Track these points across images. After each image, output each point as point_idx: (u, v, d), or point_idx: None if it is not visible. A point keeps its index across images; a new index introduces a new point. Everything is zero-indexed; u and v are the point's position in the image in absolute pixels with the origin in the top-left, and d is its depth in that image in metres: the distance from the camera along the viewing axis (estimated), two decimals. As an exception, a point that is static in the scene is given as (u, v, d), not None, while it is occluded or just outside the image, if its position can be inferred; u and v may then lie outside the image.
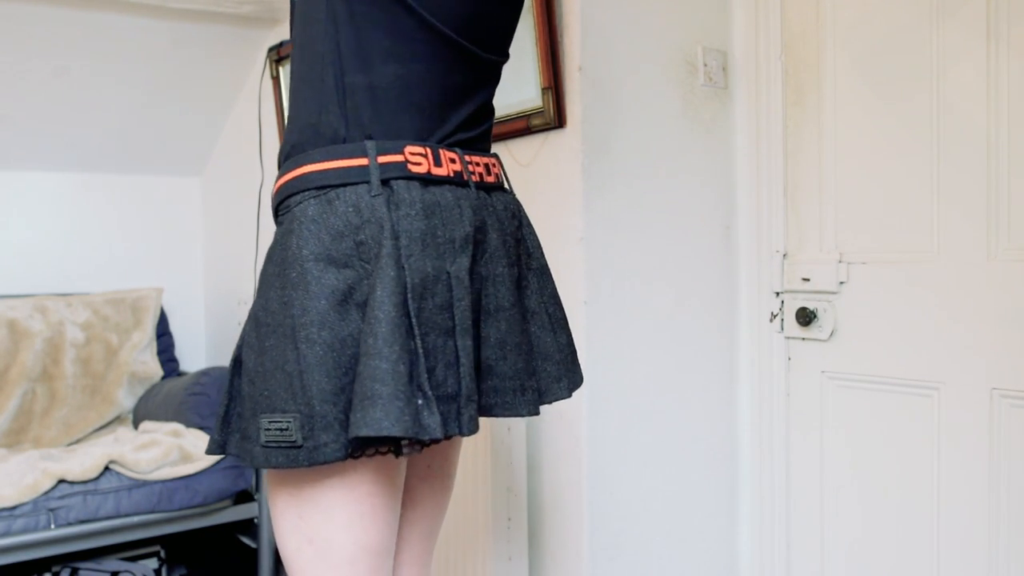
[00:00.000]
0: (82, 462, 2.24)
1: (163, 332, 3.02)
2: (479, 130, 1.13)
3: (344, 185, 0.99)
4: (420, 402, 0.94)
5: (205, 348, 3.39)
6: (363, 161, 1.00)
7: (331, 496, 1.02)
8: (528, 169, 1.90)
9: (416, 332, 0.96)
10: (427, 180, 1.03)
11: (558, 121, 1.80)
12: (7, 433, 2.63)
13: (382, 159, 1.00)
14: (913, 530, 1.78)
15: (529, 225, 1.20)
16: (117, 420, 2.81)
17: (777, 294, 1.99)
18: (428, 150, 1.04)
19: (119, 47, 2.70)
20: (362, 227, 0.97)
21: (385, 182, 1.00)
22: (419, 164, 1.02)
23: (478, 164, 1.10)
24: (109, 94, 2.84)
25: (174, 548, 2.81)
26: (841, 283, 1.87)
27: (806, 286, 1.93)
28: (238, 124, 3.10)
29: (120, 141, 3.04)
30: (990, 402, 1.65)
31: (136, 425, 2.74)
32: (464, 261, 1.02)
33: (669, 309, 1.94)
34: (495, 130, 1.93)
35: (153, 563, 2.57)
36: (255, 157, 2.94)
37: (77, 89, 2.78)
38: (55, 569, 2.37)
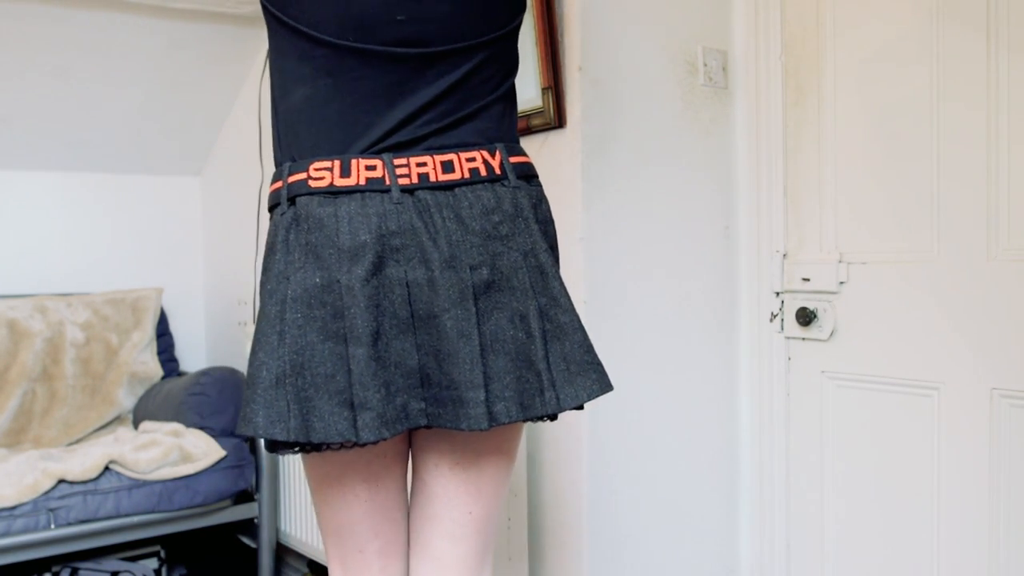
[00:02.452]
0: (82, 462, 2.24)
1: (163, 332, 3.02)
2: (435, 126, 1.10)
3: (275, 207, 1.11)
4: (283, 405, 1.02)
5: (205, 348, 3.39)
6: (280, 184, 1.10)
7: (310, 479, 1.19)
8: (528, 169, 1.90)
9: (286, 340, 1.03)
10: (334, 192, 1.06)
11: (558, 121, 1.80)
12: (7, 433, 2.63)
13: (292, 179, 1.08)
14: (913, 530, 1.78)
15: (527, 220, 1.12)
16: (117, 420, 2.81)
17: (777, 294, 1.99)
18: (336, 163, 1.07)
19: (119, 47, 2.70)
20: (276, 245, 1.09)
21: (294, 200, 1.07)
22: (321, 179, 1.06)
23: (423, 164, 1.08)
24: (109, 94, 2.84)
25: (174, 548, 2.81)
26: (841, 283, 1.87)
27: (806, 286, 1.93)
28: (238, 124, 3.10)
29: (120, 141, 3.04)
30: (990, 402, 1.65)
31: (136, 425, 2.74)
32: (358, 270, 1.03)
33: (669, 309, 1.94)
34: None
35: (153, 563, 2.57)
36: (255, 157, 2.94)
37: (77, 89, 2.78)
38: (55, 569, 2.37)
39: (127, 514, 2.28)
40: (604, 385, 1.09)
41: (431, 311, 1.05)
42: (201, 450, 2.39)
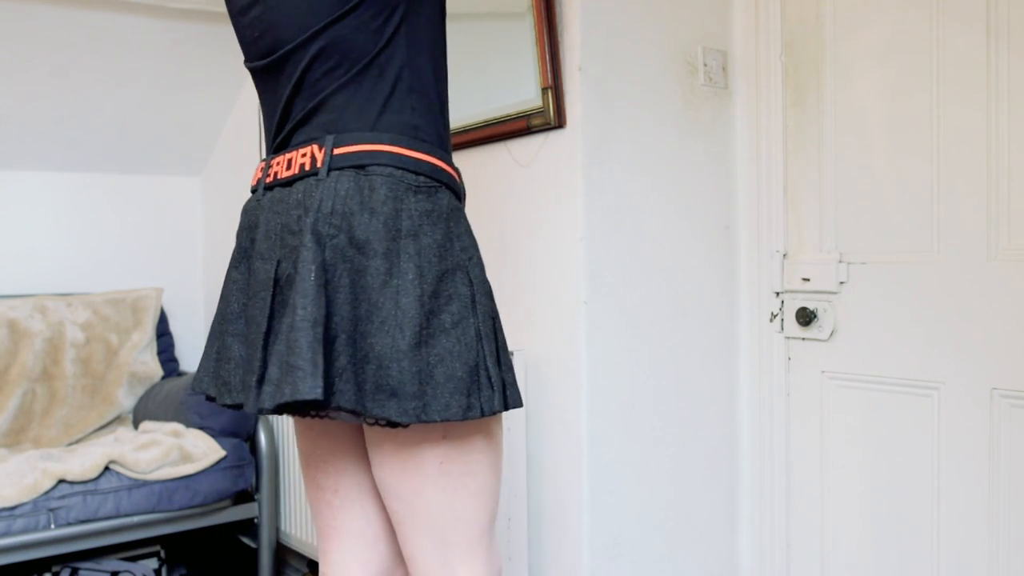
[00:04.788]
0: (82, 462, 2.24)
1: (163, 332, 3.02)
2: (294, 122, 1.16)
3: None
4: (206, 366, 1.24)
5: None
6: None
7: None
8: (528, 169, 1.90)
9: (218, 313, 1.23)
10: (252, 192, 1.25)
11: (558, 121, 1.80)
12: (7, 433, 2.63)
13: None
14: (913, 530, 1.78)
15: (308, 212, 1.08)
16: (117, 420, 2.81)
17: (777, 294, 1.99)
18: (260, 166, 1.24)
19: (119, 47, 2.70)
20: None
21: None
22: (253, 181, 1.25)
23: (281, 162, 1.17)
24: (109, 94, 2.84)
25: (174, 548, 2.81)
26: (841, 283, 1.87)
27: (806, 286, 1.93)
28: (238, 124, 3.10)
29: (120, 141, 3.04)
30: (990, 402, 1.65)
31: (136, 425, 2.74)
32: (233, 260, 1.21)
33: (669, 309, 1.94)
34: (493, 130, 1.93)
35: (153, 563, 2.57)
36: (255, 157, 2.94)
37: (77, 89, 2.78)
38: (55, 569, 2.37)
39: (127, 514, 2.28)
40: (294, 390, 1.00)
41: (249, 299, 1.16)
42: (201, 450, 2.39)
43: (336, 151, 1.10)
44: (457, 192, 1.16)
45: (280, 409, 1.05)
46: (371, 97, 1.12)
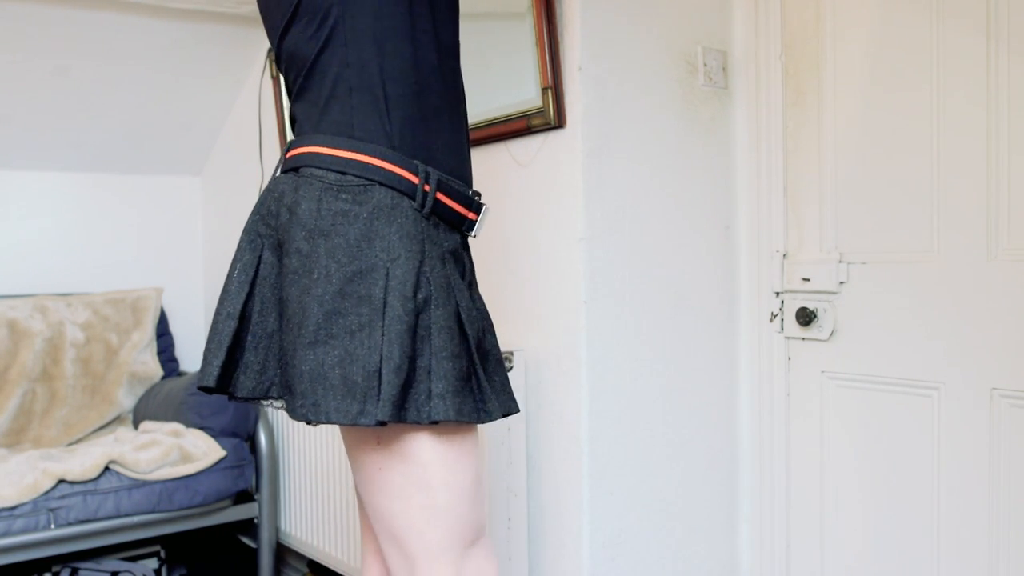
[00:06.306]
0: (82, 462, 2.24)
1: (163, 332, 3.02)
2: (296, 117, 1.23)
3: None
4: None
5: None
6: None
7: None
8: (528, 169, 1.90)
9: None
10: None
11: (558, 121, 1.80)
12: (7, 433, 2.63)
13: None
14: (913, 530, 1.78)
15: (290, 211, 1.11)
16: (117, 420, 2.81)
17: (777, 294, 1.99)
18: None
19: (119, 47, 2.70)
20: None
21: None
22: None
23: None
24: (109, 94, 2.84)
25: (174, 548, 2.81)
26: (841, 283, 1.87)
27: (806, 286, 1.93)
28: (238, 124, 3.10)
29: (120, 141, 3.04)
30: (990, 402, 1.65)
31: (136, 425, 2.74)
32: None
33: (669, 309, 1.94)
34: (493, 130, 1.93)
35: (153, 563, 2.57)
36: (255, 157, 2.94)
37: (77, 89, 2.78)
38: (55, 569, 2.37)
39: (127, 514, 2.28)
40: (202, 377, 1.12)
41: None
42: (201, 450, 2.39)
43: (288, 155, 1.17)
44: (402, 190, 1.11)
45: (212, 393, 1.14)
46: (314, 101, 1.15)
